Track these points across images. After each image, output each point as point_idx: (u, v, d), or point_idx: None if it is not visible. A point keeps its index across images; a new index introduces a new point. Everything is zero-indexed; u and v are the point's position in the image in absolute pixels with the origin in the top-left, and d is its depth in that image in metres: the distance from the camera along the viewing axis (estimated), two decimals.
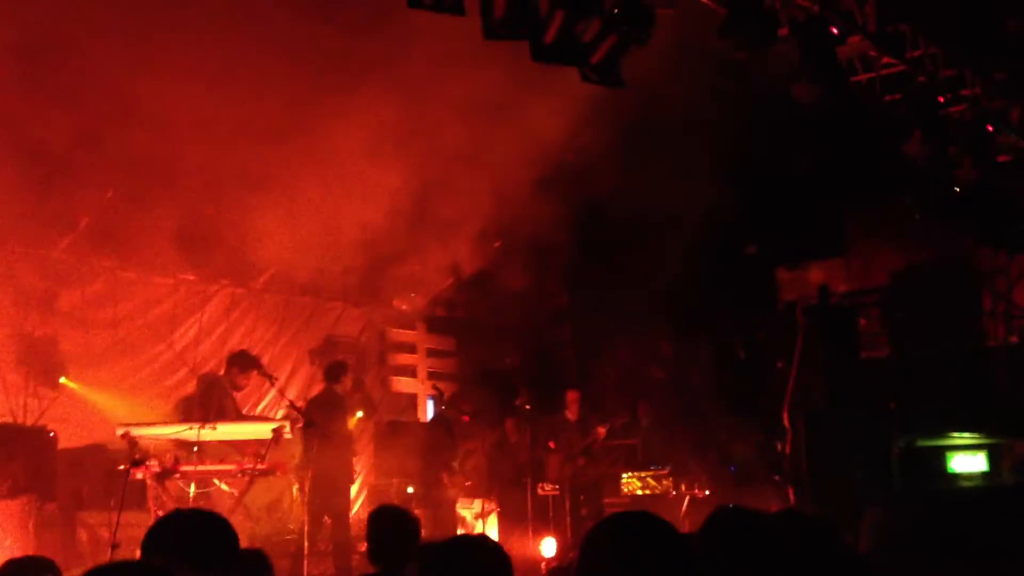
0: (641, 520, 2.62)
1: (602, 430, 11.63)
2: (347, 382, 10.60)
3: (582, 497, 11.57)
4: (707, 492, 11.84)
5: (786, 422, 10.12)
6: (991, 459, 9.27)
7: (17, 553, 7.63)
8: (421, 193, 10.73)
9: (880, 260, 11.61)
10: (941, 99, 9.42)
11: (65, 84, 8.79)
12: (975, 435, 9.34)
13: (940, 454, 9.24)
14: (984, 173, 9.84)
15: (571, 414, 11.92)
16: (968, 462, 9.17)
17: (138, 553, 8.24)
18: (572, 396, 11.91)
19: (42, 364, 10.45)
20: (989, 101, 9.79)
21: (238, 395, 10.35)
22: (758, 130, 10.55)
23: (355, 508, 13.28)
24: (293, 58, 9.11)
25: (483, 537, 3.21)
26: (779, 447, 10.50)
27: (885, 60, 9.14)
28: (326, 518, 9.91)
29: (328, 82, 9.34)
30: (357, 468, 13.55)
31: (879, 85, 9.41)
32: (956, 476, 9.13)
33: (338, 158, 10.03)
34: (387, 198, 10.61)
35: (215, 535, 3.09)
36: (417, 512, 7.03)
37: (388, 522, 5.37)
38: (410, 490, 11.63)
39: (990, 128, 9.72)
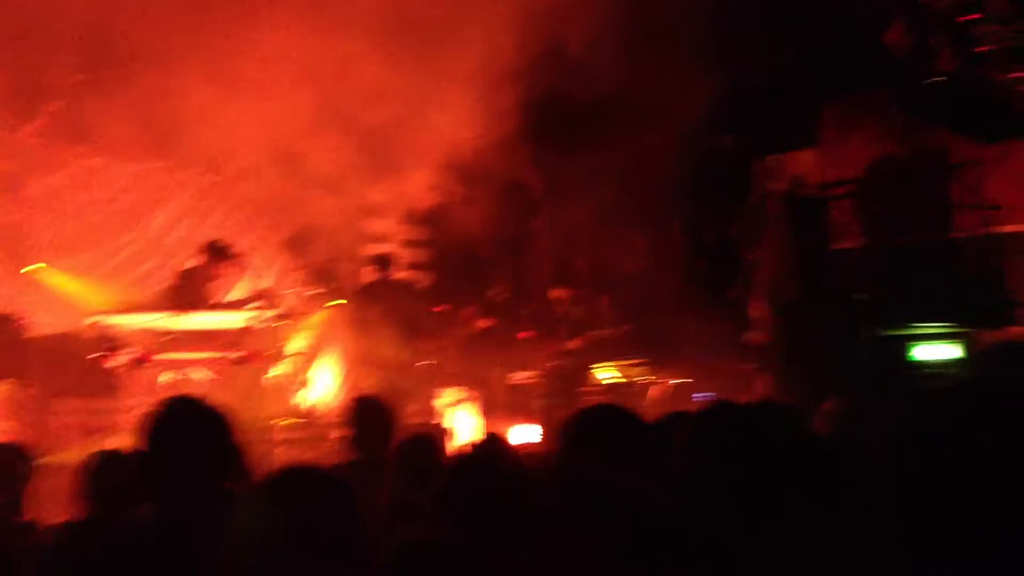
0: (610, 412, 2.69)
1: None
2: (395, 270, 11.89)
3: (559, 386, 11.66)
4: (678, 381, 11.99)
5: (757, 312, 10.22)
6: (963, 349, 9.36)
7: None
8: (394, 79, 10.55)
9: (855, 152, 11.57)
10: None
11: None
12: (940, 325, 9.46)
13: (904, 343, 9.37)
14: (964, 63, 9.76)
15: (559, 309, 12.02)
16: (932, 351, 9.31)
17: (111, 439, 8.33)
18: (556, 294, 12.02)
19: (10, 251, 10.36)
20: None
21: (212, 284, 10.33)
22: (735, 21, 10.37)
23: (332, 396, 13.46)
24: None
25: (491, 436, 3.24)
26: (750, 337, 10.64)
27: None
28: None
29: None
30: (339, 356, 13.69)
31: None
32: (919, 365, 9.27)
33: (305, 45, 9.81)
34: (360, 84, 10.43)
35: (221, 422, 3.10)
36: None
37: (368, 410, 5.43)
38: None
39: (971, 17, 9.61)
